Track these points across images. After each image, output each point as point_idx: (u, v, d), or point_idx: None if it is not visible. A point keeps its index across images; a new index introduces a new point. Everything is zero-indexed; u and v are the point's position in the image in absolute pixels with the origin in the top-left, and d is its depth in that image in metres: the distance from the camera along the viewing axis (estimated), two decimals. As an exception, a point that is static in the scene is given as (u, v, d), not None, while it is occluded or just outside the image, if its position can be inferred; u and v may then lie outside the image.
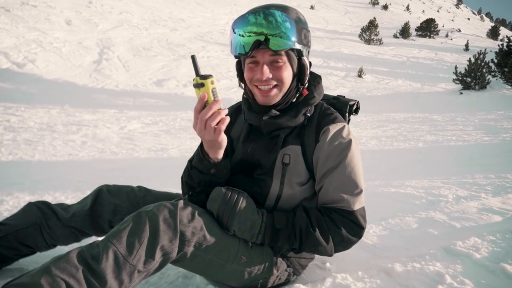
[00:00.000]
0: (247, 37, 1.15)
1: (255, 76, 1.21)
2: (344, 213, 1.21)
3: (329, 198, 1.24)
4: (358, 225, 1.22)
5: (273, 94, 1.23)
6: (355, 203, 1.22)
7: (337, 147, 1.25)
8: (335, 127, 1.28)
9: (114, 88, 9.88)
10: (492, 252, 1.69)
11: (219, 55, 14.32)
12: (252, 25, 1.13)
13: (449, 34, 34.73)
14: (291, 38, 1.15)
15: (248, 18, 1.15)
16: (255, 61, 1.21)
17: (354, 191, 1.23)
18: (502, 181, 3.01)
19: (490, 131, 5.92)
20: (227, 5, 27.09)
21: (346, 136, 1.27)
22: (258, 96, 1.26)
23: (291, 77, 1.24)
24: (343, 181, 1.23)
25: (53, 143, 4.61)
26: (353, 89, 12.74)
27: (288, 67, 1.22)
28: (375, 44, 24.48)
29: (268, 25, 1.12)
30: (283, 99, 1.27)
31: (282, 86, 1.23)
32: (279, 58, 1.19)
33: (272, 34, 1.13)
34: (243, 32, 1.15)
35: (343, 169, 1.23)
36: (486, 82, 12.51)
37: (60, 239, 1.43)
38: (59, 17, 13.81)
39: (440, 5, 67.48)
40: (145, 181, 1.86)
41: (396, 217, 2.25)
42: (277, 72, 1.20)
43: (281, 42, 1.14)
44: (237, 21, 1.17)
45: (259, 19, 1.13)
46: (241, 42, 1.16)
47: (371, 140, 5.49)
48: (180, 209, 1.09)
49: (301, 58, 1.24)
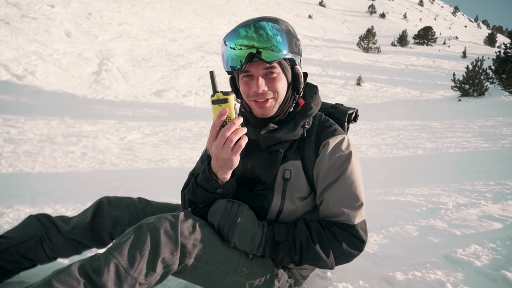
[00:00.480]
0: (238, 50, 1.15)
1: (251, 90, 1.21)
2: (345, 226, 1.21)
3: (330, 212, 1.23)
4: (359, 238, 1.21)
5: (269, 105, 1.23)
6: (355, 216, 1.21)
7: (337, 161, 1.25)
8: (335, 140, 1.27)
9: (114, 99, 9.91)
10: (493, 260, 1.69)
11: (219, 65, 14.32)
12: (243, 38, 1.14)
13: (446, 42, 34.97)
14: (283, 50, 1.15)
15: (239, 31, 1.15)
16: (249, 74, 1.21)
17: (354, 205, 1.22)
18: (502, 188, 3.01)
19: (489, 138, 5.93)
20: (226, 15, 27.30)
21: (346, 149, 1.27)
22: (255, 109, 1.25)
23: (286, 87, 1.25)
24: (344, 194, 1.23)
25: (53, 155, 4.62)
26: (352, 97, 12.78)
27: (283, 77, 1.23)
28: (373, 52, 24.62)
29: (259, 38, 1.13)
30: (280, 109, 1.27)
31: (278, 97, 1.23)
32: (273, 69, 1.19)
33: (264, 47, 1.13)
34: (234, 45, 1.15)
35: (344, 183, 1.23)
36: (484, 89, 12.57)
37: (61, 251, 1.43)
38: (58, 29, 13.90)
39: (437, 13, 68.02)
40: (146, 192, 1.87)
41: (396, 225, 2.25)
42: (272, 83, 1.21)
43: (273, 55, 1.14)
44: (229, 34, 1.18)
45: (250, 32, 1.14)
46: (233, 55, 1.16)
47: (370, 148, 5.49)
48: (181, 221, 1.09)
49: (294, 67, 1.25)
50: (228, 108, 1.06)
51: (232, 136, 1.06)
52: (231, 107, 1.06)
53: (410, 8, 61.82)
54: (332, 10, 45.05)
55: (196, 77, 12.54)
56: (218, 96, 1.06)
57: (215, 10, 28.27)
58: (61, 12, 15.90)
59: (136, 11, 20.41)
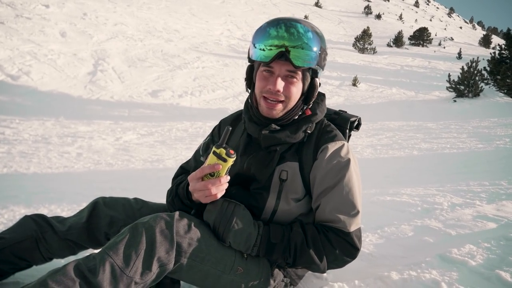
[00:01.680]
0: (268, 51, 1.15)
1: (267, 86, 1.20)
2: (340, 233, 1.21)
3: (325, 218, 1.24)
4: (353, 246, 1.21)
5: (278, 108, 1.23)
6: (351, 224, 1.21)
7: (335, 166, 1.24)
8: (334, 146, 1.27)
9: (109, 99, 9.88)
10: (487, 259, 1.70)
11: (214, 65, 14.38)
12: (273, 38, 1.13)
13: (442, 43, 35.17)
14: (313, 48, 1.15)
15: (269, 31, 1.15)
16: (271, 70, 1.20)
17: (351, 212, 1.22)
18: (496, 188, 3.04)
19: (483, 138, 5.97)
20: (222, 16, 27.29)
21: (345, 155, 1.26)
22: (263, 107, 1.25)
23: (299, 95, 1.24)
24: (340, 201, 1.22)
25: (48, 155, 4.59)
26: (348, 97, 12.83)
27: (300, 84, 1.22)
28: (369, 53, 24.71)
29: (290, 37, 1.13)
30: (287, 115, 1.26)
31: (289, 103, 1.23)
32: (295, 73, 1.19)
33: (294, 45, 1.13)
34: (264, 46, 1.15)
35: (341, 189, 1.23)
36: (479, 89, 12.66)
37: (56, 252, 1.42)
38: (53, 29, 13.83)
39: (432, 14, 68.38)
40: (141, 193, 1.86)
41: (392, 225, 2.26)
42: (288, 87, 1.20)
43: (303, 54, 1.14)
44: (257, 35, 1.17)
45: (281, 31, 1.13)
46: (262, 56, 1.17)
47: (366, 149, 5.51)
48: (176, 221, 1.10)
49: (314, 79, 1.24)
50: (222, 166, 1.10)
51: (213, 190, 1.12)
52: (226, 168, 1.11)
53: (405, 9, 62.10)
54: (328, 11, 45.16)
55: (192, 78, 12.53)
56: (221, 152, 1.10)
57: (211, 10, 28.25)
58: (56, 12, 15.83)
59: (132, 11, 20.35)
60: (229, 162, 1.10)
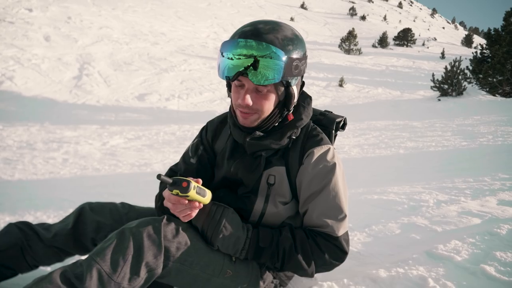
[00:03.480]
0: (236, 60, 1.10)
1: (237, 100, 1.18)
2: (329, 238, 1.21)
3: (313, 223, 1.24)
4: (341, 250, 1.23)
5: (252, 118, 1.21)
6: (339, 228, 1.22)
7: (321, 171, 1.24)
8: (320, 150, 1.26)
9: (96, 104, 9.78)
10: (472, 254, 1.73)
11: (201, 68, 14.35)
12: (241, 48, 1.09)
13: (425, 43, 35.74)
14: (282, 58, 1.09)
15: (237, 41, 1.10)
16: (241, 84, 1.17)
17: (338, 217, 1.22)
18: (480, 184, 3.09)
19: (467, 136, 6.07)
20: (208, 18, 27.25)
21: (331, 160, 1.26)
22: (239, 117, 1.24)
23: (273, 106, 1.21)
24: (327, 206, 1.23)
25: (33, 161, 4.52)
26: (335, 98, 12.93)
27: (271, 96, 1.18)
28: (355, 54, 24.95)
29: (258, 46, 1.08)
30: (264, 123, 1.24)
31: (262, 114, 1.21)
32: (263, 87, 1.15)
33: (262, 55, 1.07)
34: (232, 55, 1.10)
35: (327, 194, 1.23)
36: (462, 88, 12.89)
37: (42, 259, 1.41)
38: (37, 33, 13.64)
39: (415, 15, 69.39)
40: (129, 197, 1.85)
41: (379, 223, 2.28)
42: (258, 100, 1.17)
43: (272, 63, 1.08)
44: (226, 44, 1.13)
45: (249, 41, 1.09)
46: (230, 65, 1.11)
47: (353, 149, 5.56)
48: (164, 225, 1.09)
49: (288, 87, 1.20)
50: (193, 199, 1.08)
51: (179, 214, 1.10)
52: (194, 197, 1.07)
53: (389, 10, 62.91)
54: (313, 12, 45.47)
55: (179, 81, 12.48)
56: (177, 192, 1.05)
57: (197, 13, 28.20)
58: (39, 16, 15.63)
59: (117, 15, 20.19)
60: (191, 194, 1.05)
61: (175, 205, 1.08)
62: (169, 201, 1.09)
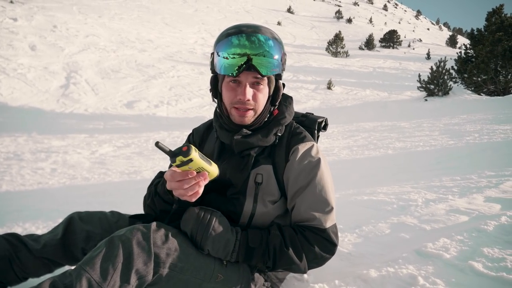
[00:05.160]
0: (232, 59, 1.17)
1: (237, 96, 1.22)
2: (317, 230, 1.23)
3: (301, 217, 1.26)
4: (330, 242, 1.24)
5: (249, 115, 1.26)
6: (327, 220, 1.24)
7: (307, 166, 1.28)
8: (304, 146, 1.31)
9: (84, 112, 9.70)
10: (461, 251, 1.75)
11: (189, 74, 14.35)
12: (235, 47, 1.16)
13: (411, 44, 36.26)
14: (274, 56, 1.19)
15: (231, 40, 1.17)
16: (237, 80, 1.22)
17: (325, 209, 1.25)
18: (467, 183, 3.14)
19: (454, 135, 6.16)
20: (195, 24, 27.27)
21: (315, 155, 1.30)
22: (235, 116, 1.27)
23: (266, 99, 1.28)
24: (314, 200, 1.25)
25: (21, 172, 4.47)
26: (324, 101, 13.02)
27: (266, 89, 1.26)
28: (342, 56, 25.18)
29: (251, 45, 1.16)
30: (257, 119, 1.30)
31: (258, 108, 1.27)
32: (261, 80, 1.23)
33: (256, 53, 1.16)
34: (226, 54, 1.17)
35: (314, 188, 1.26)
36: (448, 88, 13.10)
37: (31, 271, 1.39)
38: (22, 42, 13.50)
39: (401, 17, 70.35)
40: (119, 206, 1.84)
41: (369, 224, 2.30)
42: (256, 94, 1.24)
43: (265, 61, 1.17)
44: (220, 44, 1.19)
45: (242, 40, 1.16)
46: (226, 64, 1.18)
47: (343, 150, 5.60)
48: (153, 231, 1.09)
49: (278, 81, 1.29)
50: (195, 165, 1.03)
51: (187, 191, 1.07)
52: (199, 162, 1.02)
53: (375, 13, 63.69)
54: (300, 16, 45.82)
55: (168, 87, 12.45)
56: (180, 160, 1.00)
57: (184, 19, 28.21)
58: (24, 25, 15.48)
59: (103, 22, 20.09)
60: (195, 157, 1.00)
61: (181, 182, 1.05)
62: (174, 178, 1.06)
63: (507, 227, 1.98)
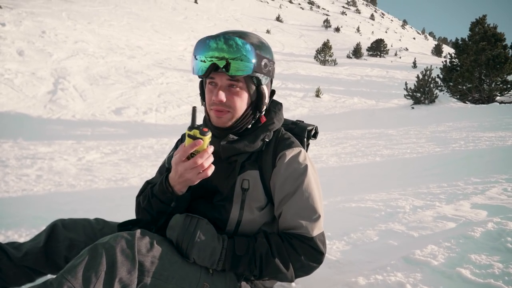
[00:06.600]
0: (209, 63, 1.17)
1: (212, 98, 1.23)
2: (303, 239, 1.21)
3: (288, 225, 1.24)
4: (317, 251, 1.21)
5: (225, 117, 1.25)
6: (314, 229, 1.22)
7: (294, 173, 1.26)
8: (291, 152, 1.29)
9: (71, 119, 9.57)
10: (448, 258, 1.76)
11: (179, 81, 14.30)
12: (213, 50, 1.16)
13: (397, 53, 36.87)
14: (251, 60, 1.17)
15: (209, 44, 1.16)
16: (214, 82, 1.22)
17: (312, 217, 1.23)
18: (454, 189, 3.17)
19: (440, 142, 6.24)
20: (185, 31, 27.28)
21: (303, 161, 1.28)
22: (213, 117, 1.27)
23: (245, 105, 1.26)
24: (301, 207, 1.23)
25: (5, 179, 4.37)
26: (312, 108, 13.09)
27: (244, 94, 1.24)
28: (330, 64, 25.44)
29: (229, 49, 1.14)
30: (237, 124, 1.28)
31: (235, 112, 1.25)
32: (236, 83, 1.21)
33: (233, 57, 1.14)
34: (204, 57, 1.17)
35: (301, 195, 1.24)
36: (434, 96, 13.31)
37: (12, 280, 1.35)
38: (10, 47, 13.30)
39: (387, 26, 71.52)
40: (105, 213, 1.81)
41: (357, 231, 2.30)
42: (231, 97, 1.22)
43: (242, 65, 1.15)
44: (198, 47, 1.19)
45: (220, 43, 1.15)
46: (203, 68, 1.18)
47: (331, 158, 5.63)
48: (138, 239, 1.07)
49: (259, 86, 1.26)
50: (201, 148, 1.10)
51: (205, 163, 1.11)
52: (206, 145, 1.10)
53: (362, 22, 64.65)
54: (289, 25, 46.23)
55: (157, 94, 12.39)
56: (195, 133, 1.09)
57: (173, 26, 28.21)
58: (12, 31, 15.28)
59: (93, 29, 19.96)
60: (205, 141, 1.09)
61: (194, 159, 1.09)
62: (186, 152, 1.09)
63: (493, 234, 1.99)
